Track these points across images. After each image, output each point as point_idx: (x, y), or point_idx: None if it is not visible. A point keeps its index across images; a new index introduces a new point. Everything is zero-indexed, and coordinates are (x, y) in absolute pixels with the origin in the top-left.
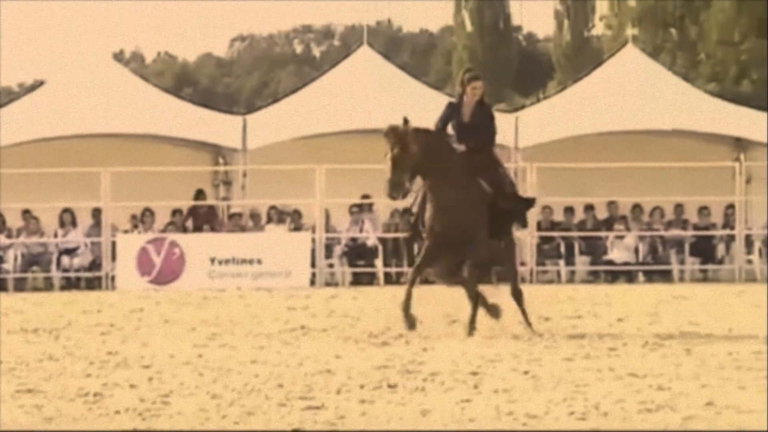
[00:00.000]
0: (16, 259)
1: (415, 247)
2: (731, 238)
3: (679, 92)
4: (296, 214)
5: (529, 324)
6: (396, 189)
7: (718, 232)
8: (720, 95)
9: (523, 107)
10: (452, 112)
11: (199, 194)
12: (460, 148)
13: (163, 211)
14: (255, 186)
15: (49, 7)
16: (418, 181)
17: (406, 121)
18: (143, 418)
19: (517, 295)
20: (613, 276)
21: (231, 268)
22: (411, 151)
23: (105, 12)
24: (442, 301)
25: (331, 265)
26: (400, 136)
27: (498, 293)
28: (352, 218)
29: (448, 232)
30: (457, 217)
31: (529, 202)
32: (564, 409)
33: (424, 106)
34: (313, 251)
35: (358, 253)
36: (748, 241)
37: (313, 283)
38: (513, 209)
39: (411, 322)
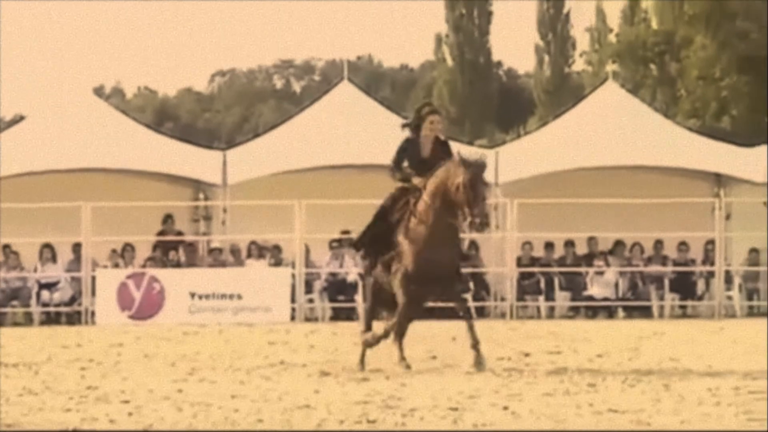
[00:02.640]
0: None
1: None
2: (711, 274)
3: (659, 128)
4: (276, 250)
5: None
6: None
7: (698, 268)
8: (700, 131)
9: (503, 143)
10: (409, 147)
11: (167, 219)
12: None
13: (143, 245)
14: (235, 221)
15: (30, 42)
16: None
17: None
18: None
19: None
20: (593, 312)
21: (211, 303)
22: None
23: (85, 47)
24: (421, 336)
25: (311, 301)
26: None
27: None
28: (332, 253)
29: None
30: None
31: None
32: None
33: None
34: (293, 286)
35: (338, 288)
36: (728, 277)
37: (293, 318)
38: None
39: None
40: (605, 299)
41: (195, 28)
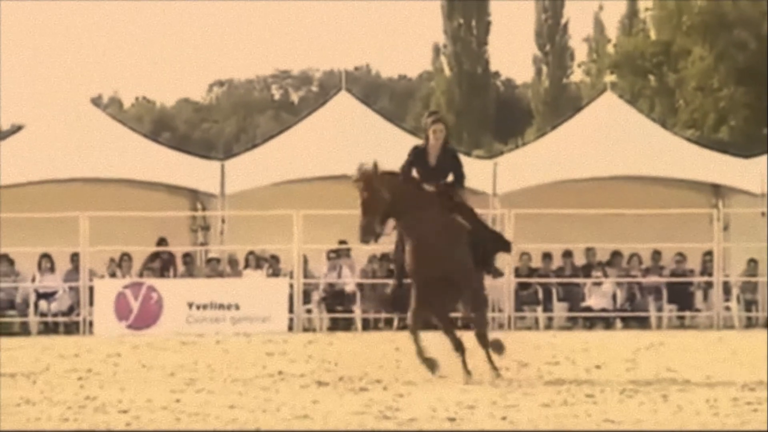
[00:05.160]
0: None
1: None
2: (709, 285)
3: (657, 139)
4: (274, 260)
5: (493, 367)
6: (367, 234)
7: (696, 279)
8: (698, 142)
9: (501, 153)
10: (417, 156)
11: (161, 241)
12: (430, 188)
13: (140, 255)
14: (233, 231)
15: (28, 52)
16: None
17: (375, 164)
18: None
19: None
20: (591, 322)
21: (209, 313)
22: (381, 194)
23: (83, 57)
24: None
25: (309, 311)
26: (369, 180)
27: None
28: (329, 264)
29: (433, 271)
30: (440, 255)
31: (507, 243)
32: None
33: (403, 152)
34: (291, 297)
35: (335, 298)
36: (726, 288)
37: (291, 328)
38: (494, 242)
39: (431, 366)
40: (603, 310)
41: (193, 38)
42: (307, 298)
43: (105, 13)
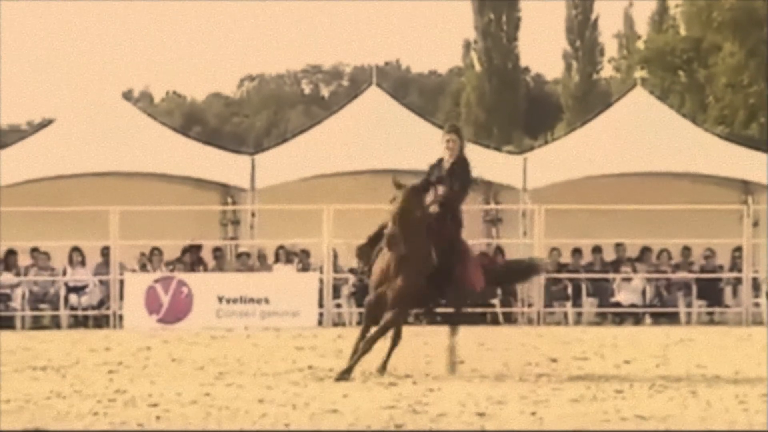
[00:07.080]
0: (24, 296)
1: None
2: (738, 281)
3: (687, 135)
4: (304, 254)
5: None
6: (397, 244)
7: (725, 275)
8: (728, 138)
9: (531, 149)
10: (433, 168)
11: (192, 244)
12: (435, 207)
13: (171, 249)
14: (263, 225)
15: (59, 46)
16: None
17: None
18: None
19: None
20: (620, 318)
21: (239, 308)
22: (416, 212)
23: (114, 51)
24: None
25: (338, 306)
26: (412, 196)
27: None
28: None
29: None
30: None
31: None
32: None
33: (433, 147)
34: (320, 291)
35: (365, 293)
36: (756, 284)
37: (320, 323)
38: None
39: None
40: (632, 306)
41: (224, 32)
42: (336, 292)
43: (136, 8)
